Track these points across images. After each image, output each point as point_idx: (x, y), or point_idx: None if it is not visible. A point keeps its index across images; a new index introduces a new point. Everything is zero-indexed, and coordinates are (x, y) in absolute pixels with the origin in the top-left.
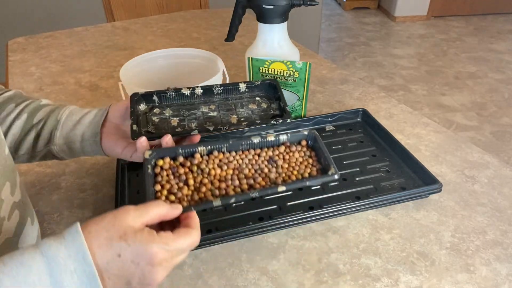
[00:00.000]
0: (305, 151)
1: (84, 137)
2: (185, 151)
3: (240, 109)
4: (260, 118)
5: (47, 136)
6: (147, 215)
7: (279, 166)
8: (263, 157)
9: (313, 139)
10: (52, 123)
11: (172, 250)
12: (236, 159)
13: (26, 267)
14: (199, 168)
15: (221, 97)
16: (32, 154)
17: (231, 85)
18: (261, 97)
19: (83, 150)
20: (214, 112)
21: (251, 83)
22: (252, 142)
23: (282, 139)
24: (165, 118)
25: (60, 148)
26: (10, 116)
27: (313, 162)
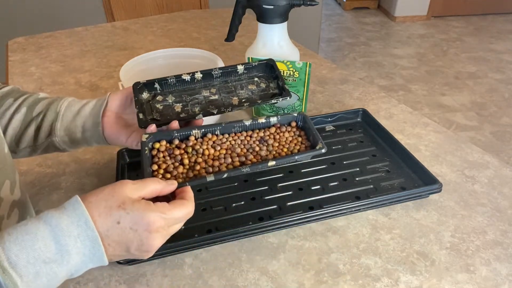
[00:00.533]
0: (295, 131)
1: (85, 127)
2: (180, 134)
3: (240, 91)
4: (260, 98)
5: (47, 129)
6: (144, 189)
7: (270, 145)
8: (255, 137)
9: (302, 120)
10: (52, 115)
11: (168, 219)
12: (228, 140)
13: (31, 235)
14: (194, 149)
15: (220, 80)
16: (34, 147)
17: (230, 68)
18: (259, 77)
19: (86, 140)
20: (215, 95)
21: (249, 64)
22: (244, 124)
23: (273, 121)
24: (168, 105)
25: (62, 140)
26: (9, 110)
27: (303, 140)
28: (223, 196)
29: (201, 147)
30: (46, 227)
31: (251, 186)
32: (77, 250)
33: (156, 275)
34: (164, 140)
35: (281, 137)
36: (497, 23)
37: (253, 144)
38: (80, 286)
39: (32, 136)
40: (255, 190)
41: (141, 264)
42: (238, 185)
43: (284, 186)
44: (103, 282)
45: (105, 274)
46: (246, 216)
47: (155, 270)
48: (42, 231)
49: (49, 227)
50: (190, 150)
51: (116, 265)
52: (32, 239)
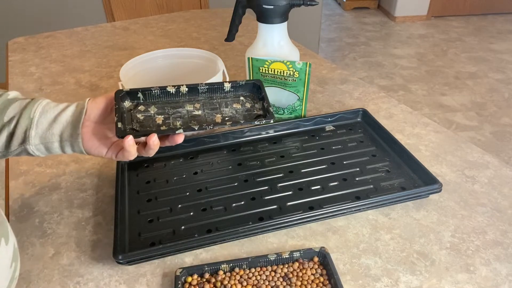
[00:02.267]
0: (316, 269)
1: (62, 137)
2: (210, 268)
3: (225, 108)
4: (244, 118)
5: (21, 136)
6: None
7: (293, 283)
8: (279, 274)
9: (323, 256)
10: (25, 122)
11: None
12: (254, 275)
13: None
14: (222, 284)
15: (205, 96)
16: (5, 153)
17: (216, 84)
18: (245, 96)
19: (63, 150)
20: (199, 110)
21: (236, 83)
22: (269, 259)
23: (296, 256)
24: (150, 116)
25: (36, 148)
26: None
27: (324, 281)
28: (223, 196)
29: (229, 283)
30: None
31: (251, 186)
32: None
33: (156, 275)
34: (195, 274)
35: (304, 275)
36: (497, 23)
37: (277, 282)
38: (80, 286)
39: (3, 143)
40: (255, 190)
41: (141, 264)
42: (238, 185)
43: (284, 186)
44: (103, 282)
45: (105, 274)
46: (246, 216)
47: (155, 270)
48: None
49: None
50: (219, 285)
51: (116, 265)
52: None
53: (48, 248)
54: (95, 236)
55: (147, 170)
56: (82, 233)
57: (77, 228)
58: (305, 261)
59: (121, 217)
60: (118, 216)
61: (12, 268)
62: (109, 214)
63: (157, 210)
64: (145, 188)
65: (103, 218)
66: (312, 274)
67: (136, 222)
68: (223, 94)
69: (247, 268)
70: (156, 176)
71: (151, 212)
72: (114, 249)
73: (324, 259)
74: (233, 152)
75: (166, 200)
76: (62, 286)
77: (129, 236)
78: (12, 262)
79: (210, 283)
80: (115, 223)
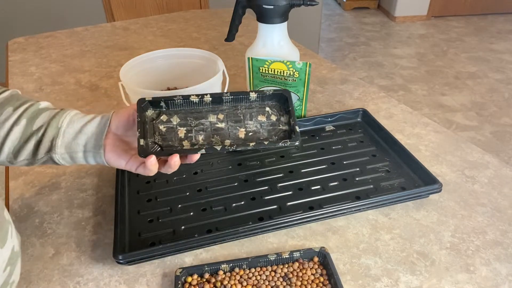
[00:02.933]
0: (317, 269)
1: (86, 147)
2: (210, 268)
3: (249, 121)
4: (268, 133)
5: (48, 145)
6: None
7: (293, 283)
8: (279, 273)
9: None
10: (53, 131)
11: None
12: (254, 275)
13: None
14: (222, 284)
15: (230, 105)
16: (32, 160)
17: (241, 94)
18: (271, 107)
19: (86, 160)
20: (222, 123)
21: (262, 93)
22: (269, 259)
23: (296, 256)
24: (172, 128)
25: (61, 157)
26: (9, 122)
27: (324, 281)
28: (223, 196)
29: (229, 283)
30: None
31: (251, 186)
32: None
33: (156, 275)
34: (195, 274)
35: (304, 275)
36: (497, 23)
37: (277, 282)
38: (80, 286)
39: (31, 151)
40: (255, 190)
41: (141, 264)
42: (238, 185)
43: (284, 186)
44: (103, 282)
45: (105, 274)
46: (246, 216)
47: (155, 270)
48: None
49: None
50: (219, 285)
51: (116, 265)
52: None
53: (48, 248)
54: (95, 236)
55: None
56: (82, 233)
57: (77, 228)
58: (305, 261)
59: (121, 217)
60: (118, 216)
61: (7, 272)
62: (109, 214)
63: (157, 210)
64: (145, 188)
65: (103, 218)
66: (312, 274)
67: (136, 222)
68: (248, 104)
69: (247, 268)
70: (156, 176)
71: (151, 212)
72: (114, 249)
73: (324, 259)
74: (233, 152)
75: (166, 200)
76: (62, 286)
77: (129, 236)
78: (7, 266)
79: (210, 283)
80: (115, 223)
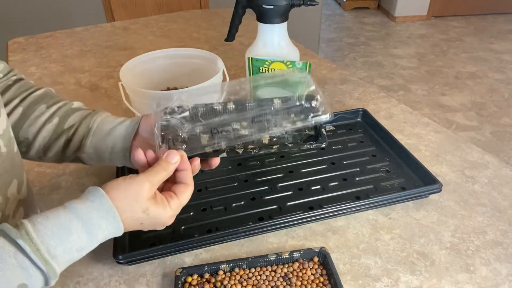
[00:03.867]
0: (317, 269)
1: (114, 149)
2: (210, 268)
3: (273, 128)
4: (293, 138)
5: (77, 144)
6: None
7: (293, 283)
8: (279, 273)
9: (323, 256)
10: (83, 131)
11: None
12: (254, 275)
13: (66, 230)
14: (222, 284)
15: (254, 113)
16: (61, 158)
17: (265, 101)
18: (296, 113)
19: (112, 161)
20: (246, 130)
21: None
22: (269, 259)
23: (296, 256)
24: (195, 135)
25: (89, 156)
26: (41, 118)
27: (324, 281)
28: (223, 196)
29: (229, 283)
30: (79, 221)
31: (251, 186)
32: (104, 236)
33: (156, 275)
34: (195, 274)
35: (304, 275)
36: (497, 23)
37: (277, 282)
38: (80, 286)
39: (60, 148)
40: (255, 190)
41: (141, 264)
42: (238, 185)
43: (284, 186)
44: (103, 282)
45: (105, 274)
46: (246, 216)
47: (155, 270)
48: (75, 225)
49: (81, 221)
50: (219, 285)
51: (116, 265)
52: (67, 233)
53: None
54: None
55: None
56: None
57: None
58: (305, 261)
59: None
60: None
61: None
62: None
63: None
64: None
65: None
66: (312, 274)
67: None
68: (274, 111)
69: (247, 268)
70: None
71: None
72: (114, 249)
73: (324, 259)
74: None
75: None
76: (62, 286)
77: (129, 236)
78: None
79: (210, 283)
80: None
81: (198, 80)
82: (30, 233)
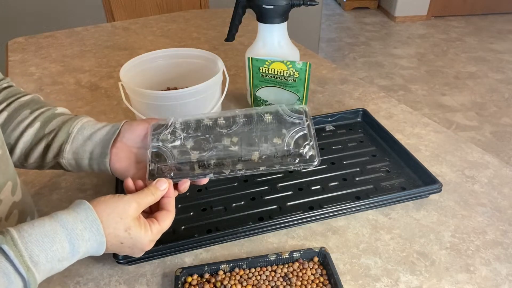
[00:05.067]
0: (317, 269)
1: (93, 155)
2: (210, 268)
3: (263, 144)
4: (282, 156)
5: (56, 149)
6: (143, 206)
7: (293, 283)
8: (279, 273)
9: (323, 256)
10: (63, 136)
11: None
12: (254, 275)
13: (50, 238)
14: (222, 284)
15: (245, 128)
16: (41, 164)
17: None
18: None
19: (91, 167)
20: (236, 146)
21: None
22: (269, 259)
23: (296, 256)
24: (185, 151)
25: (68, 162)
26: (24, 123)
27: (324, 281)
28: (223, 196)
29: (229, 283)
30: (63, 231)
31: (251, 186)
32: (86, 250)
33: (156, 275)
34: (195, 274)
35: (304, 275)
36: (497, 23)
37: (277, 282)
38: (80, 286)
39: (40, 154)
40: (255, 190)
41: (141, 264)
42: (238, 185)
43: (284, 186)
44: (103, 282)
45: (105, 274)
46: (246, 216)
47: (155, 270)
48: (60, 235)
49: (66, 231)
50: (219, 285)
51: (116, 265)
52: (51, 241)
53: None
54: None
55: None
56: None
57: None
58: (305, 261)
59: None
60: None
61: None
62: None
63: None
64: None
65: None
66: (312, 274)
67: None
68: (264, 126)
69: (247, 268)
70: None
71: None
72: None
73: (324, 259)
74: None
75: None
76: (62, 286)
77: None
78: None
79: (210, 283)
80: None
81: (198, 80)
82: (15, 239)
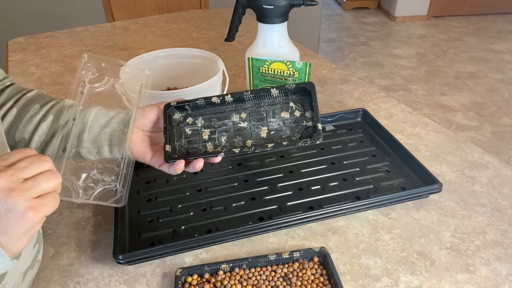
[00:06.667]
0: (317, 269)
1: (112, 141)
2: (210, 268)
3: (271, 119)
4: (290, 130)
5: (75, 140)
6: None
7: (293, 283)
8: (279, 273)
9: (323, 256)
10: (79, 126)
11: (9, 166)
12: (254, 275)
13: None
14: (222, 284)
15: (253, 103)
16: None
17: (262, 91)
18: (295, 101)
19: (112, 153)
20: (245, 122)
21: (284, 88)
22: (269, 259)
23: (296, 256)
24: (197, 130)
25: (88, 151)
26: (36, 118)
27: (324, 281)
28: (223, 196)
29: (229, 283)
30: None
31: (251, 186)
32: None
33: (156, 275)
34: (195, 274)
35: (304, 275)
36: (497, 23)
37: (277, 282)
38: (80, 286)
39: (58, 145)
40: (255, 190)
41: (141, 264)
42: (238, 185)
43: (284, 186)
44: (103, 282)
45: (105, 274)
46: (246, 216)
47: (155, 270)
48: None
49: None
50: (219, 285)
51: (116, 265)
52: None
53: (48, 248)
54: (95, 236)
55: (147, 170)
56: (82, 233)
57: (77, 228)
58: (305, 261)
59: (121, 217)
60: (118, 216)
61: (36, 248)
62: (109, 214)
63: (157, 210)
64: (145, 188)
65: (103, 218)
66: (312, 274)
67: (136, 222)
68: (272, 100)
69: (247, 268)
70: (156, 176)
71: (151, 212)
72: (114, 249)
73: (324, 259)
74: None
75: (166, 200)
76: (62, 286)
77: (129, 236)
78: (36, 243)
79: (210, 283)
80: (115, 223)
81: (198, 80)
82: None
